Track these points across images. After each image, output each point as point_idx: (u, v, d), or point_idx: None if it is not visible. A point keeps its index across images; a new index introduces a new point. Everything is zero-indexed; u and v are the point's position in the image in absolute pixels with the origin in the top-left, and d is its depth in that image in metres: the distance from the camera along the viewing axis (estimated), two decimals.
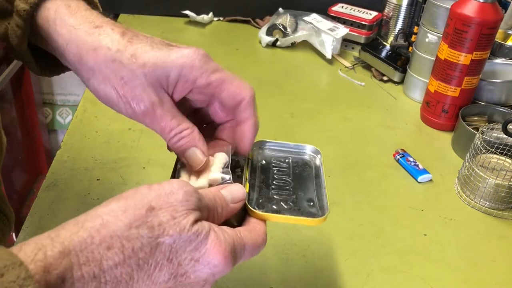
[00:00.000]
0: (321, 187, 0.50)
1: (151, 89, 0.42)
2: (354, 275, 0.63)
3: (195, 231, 0.35)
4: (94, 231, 0.32)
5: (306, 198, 0.48)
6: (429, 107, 0.96)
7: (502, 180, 0.74)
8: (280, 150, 0.54)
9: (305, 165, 0.53)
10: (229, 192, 0.41)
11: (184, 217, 0.35)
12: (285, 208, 0.46)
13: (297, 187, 0.49)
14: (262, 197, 0.47)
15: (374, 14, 1.23)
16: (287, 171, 0.52)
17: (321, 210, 0.47)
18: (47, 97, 1.83)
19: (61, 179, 0.73)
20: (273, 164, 0.52)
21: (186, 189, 0.37)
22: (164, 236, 0.34)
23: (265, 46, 1.22)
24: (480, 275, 0.65)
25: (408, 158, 0.84)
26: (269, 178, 0.50)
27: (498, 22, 0.86)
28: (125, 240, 0.33)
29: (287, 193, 0.48)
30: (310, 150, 0.54)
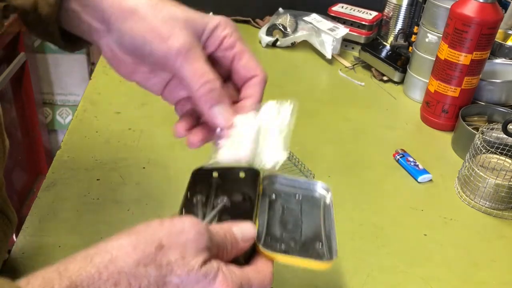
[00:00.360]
0: (330, 227, 0.48)
1: (189, 32, 0.42)
2: (354, 275, 0.63)
3: (204, 272, 0.35)
4: (102, 267, 0.32)
5: (315, 238, 0.47)
6: (429, 107, 0.96)
7: (502, 180, 0.74)
8: (290, 186, 0.53)
9: (315, 203, 0.52)
10: (240, 230, 0.41)
11: (193, 257, 0.35)
12: (293, 249, 0.45)
13: (306, 226, 0.48)
14: (271, 235, 0.46)
15: (374, 14, 1.22)
16: (296, 208, 0.51)
17: (330, 253, 0.45)
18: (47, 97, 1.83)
19: (61, 179, 0.73)
20: (282, 200, 0.51)
21: (198, 229, 0.36)
22: (172, 275, 0.34)
23: (265, 46, 1.22)
24: (480, 275, 0.65)
25: (408, 158, 0.84)
26: (279, 214, 0.49)
27: (498, 22, 0.86)
28: (133, 277, 0.33)
29: (295, 232, 0.47)
30: (321, 187, 0.53)
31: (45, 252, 0.60)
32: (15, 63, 1.56)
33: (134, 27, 0.41)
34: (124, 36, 0.42)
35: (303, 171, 0.79)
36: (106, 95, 0.95)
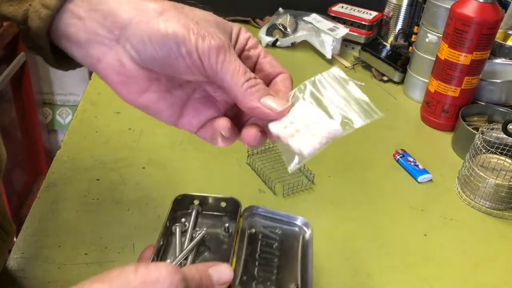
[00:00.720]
0: (307, 269, 0.48)
1: (222, 32, 0.39)
2: (355, 275, 0.63)
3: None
4: None
5: (291, 279, 0.47)
6: (429, 107, 0.96)
7: (502, 180, 0.74)
8: (271, 218, 0.53)
9: (294, 239, 0.51)
10: (216, 272, 0.40)
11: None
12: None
13: (283, 266, 0.48)
14: (247, 274, 0.46)
15: (374, 14, 1.22)
16: (275, 244, 0.50)
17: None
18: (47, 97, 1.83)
19: (61, 179, 0.73)
20: (261, 234, 0.51)
21: (173, 280, 0.35)
22: None
23: (265, 46, 1.22)
24: (480, 275, 0.65)
25: (408, 158, 0.84)
26: (256, 251, 0.49)
27: (498, 22, 0.86)
28: None
29: (272, 272, 0.47)
30: (300, 222, 0.53)
31: (45, 252, 0.60)
32: (15, 63, 1.56)
33: (162, 27, 0.36)
34: (145, 41, 0.37)
35: (303, 171, 0.79)
36: (106, 95, 0.95)
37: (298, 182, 0.76)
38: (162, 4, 0.37)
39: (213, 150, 0.83)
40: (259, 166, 0.79)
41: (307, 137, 0.40)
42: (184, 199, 0.53)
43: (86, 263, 0.59)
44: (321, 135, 0.42)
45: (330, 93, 0.44)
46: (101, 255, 0.61)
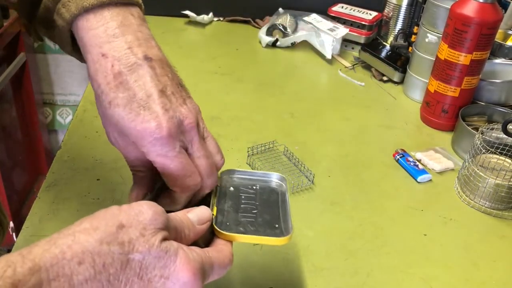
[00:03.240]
0: (286, 210, 0.51)
1: (116, 133, 0.45)
2: (354, 275, 0.63)
3: (164, 248, 0.36)
4: (65, 247, 0.33)
5: (272, 220, 0.50)
6: (429, 107, 0.96)
7: (502, 180, 0.74)
8: (248, 178, 0.56)
9: (272, 191, 0.55)
10: (195, 214, 0.42)
11: (152, 235, 0.36)
12: (251, 230, 0.48)
13: (264, 211, 0.51)
14: (230, 220, 0.49)
15: (374, 14, 1.23)
16: (254, 197, 0.54)
17: (286, 230, 0.49)
18: (47, 97, 1.83)
19: (61, 179, 0.73)
20: (241, 191, 0.54)
21: (155, 209, 0.38)
22: (134, 252, 0.35)
23: (265, 46, 1.22)
24: (480, 275, 0.65)
25: (408, 158, 0.84)
26: (237, 203, 0.52)
27: (498, 22, 0.86)
28: (96, 255, 0.34)
29: (253, 217, 0.50)
30: (276, 178, 0.56)
31: None
32: (15, 63, 1.56)
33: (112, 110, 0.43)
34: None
35: (303, 171, 0.79)
36: None
37: (298, 182, 0.76)
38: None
39: None
40: (259, 166, 0.79)
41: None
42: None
43: None
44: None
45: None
46: None
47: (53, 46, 1.68)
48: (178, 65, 1.09)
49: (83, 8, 0.43)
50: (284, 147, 0.83)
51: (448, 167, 0.84)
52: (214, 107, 0.95)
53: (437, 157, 0.85)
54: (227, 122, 0.91)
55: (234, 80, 1.07)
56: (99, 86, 0.43)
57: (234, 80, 1.07)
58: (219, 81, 1.06)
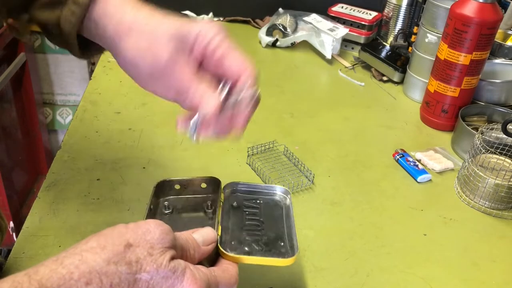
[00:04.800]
0: (291, 227, 0.51)
1: (175, 44, 0.45)
2: (354, 275, 0.63)
3: (172, 267, 0.37)
4: (73, 267, 0.33)
5: (277, 238, 0.49)
6: (429, 107, 0.96)
7: (501, 180, 0.74)
8: (251, 191, 0.56)
9: (276, 205, 0.54)
10: (200, 235, 0.43)
11: (160, 254, 0.37)
12: (257, 250, 0.47)
13: (268, 228, 0.50)
14: (235, 240, 0.48)
15: (374, 14, 1.23)
16: (258, 212, 0.53)
17: (291, 250, 0.48)
18: (47, 97, 1.83)
19: (61, 179, 0.73)
20: (244, 206, 0.53)
21: (162, 228, 0.38)
22: (142, 272, 0.35)
23: (265, 46, 1.22)
24: (480, 275, 0.65)
25: (408, 158, 0.84)
26: (241, 220, 0.51)
27: (497, 22, 0.86)
28: (104, 275, 0.34)
29: (258, 234, 0.50)
30: (280, 191, 0.56)
31: (46, 252, 0.60)
32: (15, 63, 1.56)
33: (133, 44, 0.46)
34: (126, 48, 0.46)
35: (303, 171, 0.79)
36: (106, 95, 0.95)
37: (298, 182, 0.76)
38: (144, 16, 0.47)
39: (213, 150, 0.83)
40: (259, 166, 0.79)
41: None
42: (165, 184, 0.55)
43: None
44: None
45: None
46: None
47: (53, 46, 1.68)
48: None
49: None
50: (284, 147, 0.83)
51: (448, 167, 0.84)
52: None
53: (437, 157, 0.85)
54: None
55: None
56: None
57: None
58: None
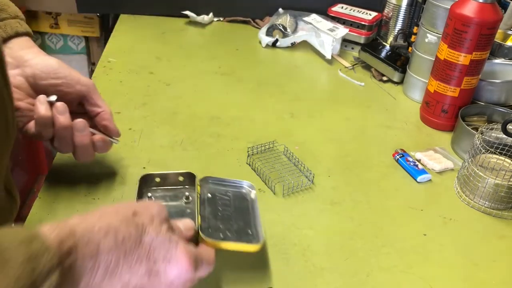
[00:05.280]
0: (255, 217, 0.61)
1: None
2: (354, 275, 0.63)
3: (168, 236, 0.45)
4: (95, 221, 0.41)
5: (245, 227, 0.59)
6: (429, 107, 0.96)
7: (501, 180, 0.74)
8: (221, 184, 0.65)
9: (243, 198, 0.64)
10: (182, 223, 0.51)
11: (159, 224, 0.45)
12: (229, 237, 0.57)
13: (238, 217, 0.60)
14: (211, 227, 0.57)
15: (373, 14, 1.23)
16: (229, 203, 0.63)
17: (257, 237, 0.58)
18: None
19: (61, 179, 0.73)
20: (217, 197, 0.63)
21: (160, 206, 0.47)
22: (146, 235, 0.44)
23: (265, 46, 1.22)
24: (480, 275, 0.65)
25: (408, 158, 0.84)
26: (215, 209, 0.61)
27: (497, 22, 0.86)
28: (118, 231, 0.42)
29: (230, 223, 0.59)
30: (246, 185, 0.65)
31: None
32: None
33: (59, 67, 0.66)
34: (44, 73, 0.64)
35: (303, 171, 0.79)
36: (106, 95, 0.94)
37: (298, 182, 0.76)
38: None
39: (213, 150, 0.83)
40: (259, 166, 0.79)
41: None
42: (148, 178, 0.64)
43: None
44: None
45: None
46: None
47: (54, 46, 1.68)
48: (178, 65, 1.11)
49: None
50: (284, 147, 0.84)
51: (448, 167, 0.84)
52: (214, 107, 0.95)
53: (437, 157, 0.85)
54: (227, 122, 0.91)
55: (234, 80, 1.07)
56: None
57: (234, 80, 1.07)
58: (219, 81, 1.06)
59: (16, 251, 0.33)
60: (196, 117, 0.91)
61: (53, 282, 0.35)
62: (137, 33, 1.22)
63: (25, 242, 0.34)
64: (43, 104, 0.61)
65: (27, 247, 0.34)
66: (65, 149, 0.64)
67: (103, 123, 0.67)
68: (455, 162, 0.85)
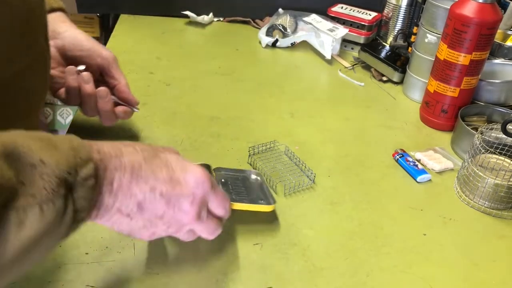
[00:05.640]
0: (265, 193, 0.69)
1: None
2: (354, 275, 0.63)
3: (182, 158, 0.52)
4: (118, 144, 0.48)
5: (258, 197, 0.68)
6: (429, 107, 0.96)
7: (501, 180, 0.75)
8: (232, 173, 0.73)
9: (252, 182, 0.73)
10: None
11: (173, 152, 0.54)
12: (244, 200, 0.65)
13: (250, 192, 0.69)
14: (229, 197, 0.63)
15: (373, 14, 1.23)
16: (240, 185, 0.70)
17: (271, 202, 0.67)
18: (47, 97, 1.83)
19: None
20: (229, 181, 0.70)
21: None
22: (161, 153, 0.51)
23: (265, 46, 1.22)
24: (480, 275, 0.65)
25: (408, 158, 0.84)
26: (228, 190, 0.68)
27: (497, 22, 0.86)
28: (136, 145, 0.49)
29: (244, 194, 0.68)
30: (254, 174, 0.74)
31: None
32: None
33: (84, 40, 0.74)
34: (73, 45, 0.73)
35: (304, 171, 0.79)
36: None
37: (299, 181, 0.76)
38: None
39: (213, 150, 0.83)
40: (260, 165, 0.79)
41: None
42: None
43: (86, 263, 0.60)
44: None
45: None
46: (101, 255, 0.61)
47: None
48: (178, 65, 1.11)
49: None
50: (285, 146, 0.84)
51: (448, 167, 0.84)
52: (214, 107, 0.95)
53: (437, 157, 0.85)
54: (227, 122, 0.91)
55: (234, 80, 1.07)
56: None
57: (234, 80, 1.07)
58: (219, 81, 1.06)
59: (62, 143, 0.41)
60: (196, 117, 0.91)
61: (90, 170, 0.41)
62: (137, 33, 1.22)
63: (68, 139, 0.42)
64: (72, 75, 0.71)
65: (70, 142, 0.42)
66: (90, 113, 0.75)
67: (121, 95, 0.75)
68: (455, 162, 0.85)
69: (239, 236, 0.66)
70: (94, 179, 0.42)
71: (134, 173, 0.46)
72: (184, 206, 0.49)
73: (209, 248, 0.63)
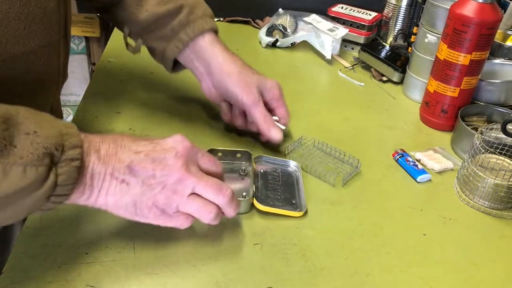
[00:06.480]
0: (300, 191, 0.73)
1: (257, 90, 0.78)
2: (354, 274, 0.63)
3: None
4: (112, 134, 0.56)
5: (291, 198, 0.71)
6: (429, 107, 0.96)
7: (501, 180, 0.75)
8: (272, 163, 0.77)
9: (289, 175, 0.76)
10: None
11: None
12: (277, 204, 0.69)
13: (285, 190, 0.72)
14: (262, 196, 0.71)
15: (373, 14, 1.23)
16: (278, 178, 0.75)
17: (300, 207, 0.70)
18: None
19: None
20: (268, 173, 0.75)
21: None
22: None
23: (265, 46, 1.22)
24: (480, 275, 0.65)
25: (407, 158, 0.84)
26: (266, 182, 0.73)
27: (497, 22, 0.86)
28: (131, 136, 0.56)
29: (278, 194, 0.71)
30: (293, 165, 0.77)
31: (46, 252, 0.61)
32: None
33: (229, 82, 0.77)
34: (220, 85, 0.78)
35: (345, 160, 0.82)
36: (107, 95, 0.95)
37: (348, 170, 0.76)
38: (239, 68, 0.78)
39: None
40: (304, 163, 0.79)
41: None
42: (212, 152, 0.76)
43: (87, 263, 0.60)
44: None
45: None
46: (101, 255, 0.61)
47: None
48: None
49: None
50: (314, 140, 0.86)
51: (448, 167, 0.84)
52: (214, 107, 0.95)
53: (437, 157, 0.85)
54: None
55: None
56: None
57: None
58: None
59: (60, 125, 0.49)
60: (196, 117, 0.91)
61: (76, 153, 0.49)
62: None
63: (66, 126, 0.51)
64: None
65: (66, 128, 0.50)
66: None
67: (264, 139, 0.81)
68: (454, 162, 0.85)
69: (239, 236, 0.66)
70: (80, 162, 0.49)
71: (117, 144, 0.53)
72: (170, 160, 0.54)
73: (209, 248, 0.64)
